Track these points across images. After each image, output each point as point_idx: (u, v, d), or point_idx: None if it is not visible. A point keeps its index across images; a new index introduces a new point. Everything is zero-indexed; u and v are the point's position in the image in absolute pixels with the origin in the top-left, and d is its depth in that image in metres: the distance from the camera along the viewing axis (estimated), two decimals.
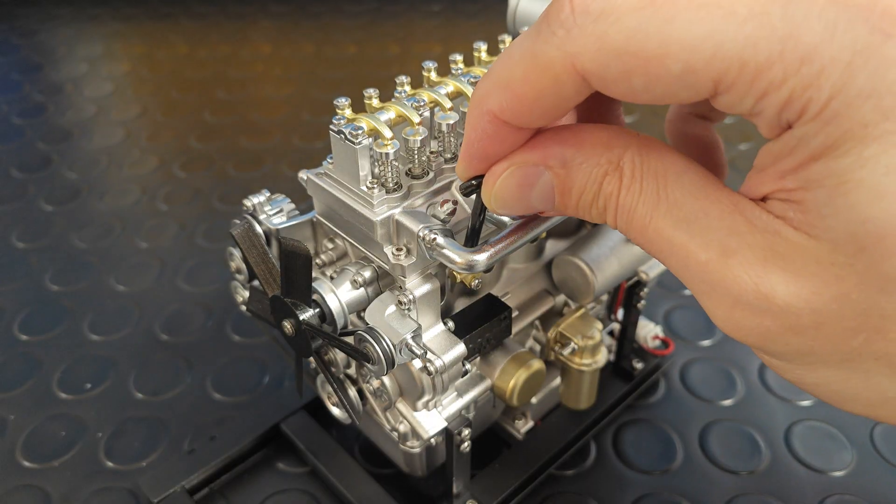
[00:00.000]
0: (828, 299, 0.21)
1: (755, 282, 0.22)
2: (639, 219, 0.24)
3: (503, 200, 0.27)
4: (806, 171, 0.20)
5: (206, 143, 0.92)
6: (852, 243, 0.20)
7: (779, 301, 0.21)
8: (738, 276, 0.22)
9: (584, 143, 0.25)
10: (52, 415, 0.57)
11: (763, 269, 0.21)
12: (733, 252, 0.22)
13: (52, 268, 0.72)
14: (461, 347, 0.38)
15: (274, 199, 0.43)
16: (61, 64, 1.12)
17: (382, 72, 1.07)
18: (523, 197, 0.27)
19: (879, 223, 0.19)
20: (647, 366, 0.56)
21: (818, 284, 0.21)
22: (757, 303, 0.22)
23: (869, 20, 0.18)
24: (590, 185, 0.25)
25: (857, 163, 0.19)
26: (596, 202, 0.25)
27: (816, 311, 0.21)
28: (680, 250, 0.23)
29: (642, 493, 0.50)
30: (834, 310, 0.21)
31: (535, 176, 0.26)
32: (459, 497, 0.46)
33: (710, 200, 0.22)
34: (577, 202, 0.25)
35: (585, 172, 0.25)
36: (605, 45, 0.21)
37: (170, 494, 0.48)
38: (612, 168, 0.24)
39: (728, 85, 0.20)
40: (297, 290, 0.37)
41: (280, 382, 0.59)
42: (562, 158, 0.25)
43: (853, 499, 0.49)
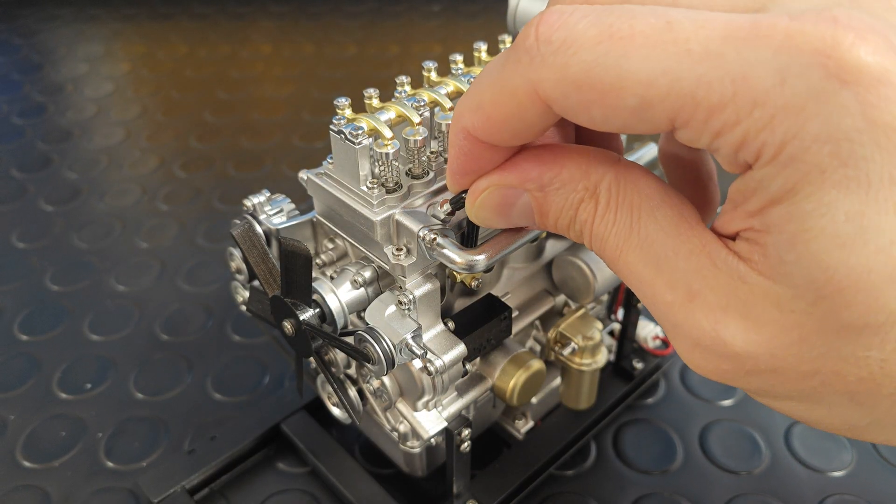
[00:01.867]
0: (786, 344, 0.21)
1: (714, 328, 0.22)
2: (610, 249, 0.24)
3: (485, 218, 0.28)
4: (768, 215, 0.20)
5: (207, 143, 0.92)
6: (812, 291, 0.20)
7: (736, 348, 0.22)
8: (699, 321, 0.22)
9: (562, 167, 0.25)
10: (52, 415, 0.57)
11: (723, 315, 0.22)
12: (696, 295, 0.22)
13: (53, 268, 0.72)
14: (461, 347, 0.38)
15: (274, 199, 0.43)
16: (61, 64, 1.12)
17: (382, 72, 1.07)
18: (504, 215, 0.27)
19: (840, 273, 0.19)
20: (647, 366, 0.56)
21: (776, 330, 0.21)
22: (715, 348, 0.22)
23: (824, 66, 0.18)
24: (566, 210, 0.25)
25: (817, 210, 0.19)
26: (572, 226, 0.25)
27: (774, 356, 0.21)
28: (648, 288, 0.23)
29: (642, 493, 0.50)
30: (792, 354, 0.21)
31: (514, 197, 0.26)
32: (460, 497, 0.46)
33: (680, 239, 0.23)
34: (554, 223, 0.26)
35: (562, 197, 0.25)
36: (565, 75, 0.21)
37: (170, 494, 0.48)
38: (588, 195, 0.24)
39: (684, 121, 0.20)
40: (298, 290, 0.37)
41: (280, 382, 0.59)
42: (539, 182, 0.25)
43: (853, 499, 0.49)
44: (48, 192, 0.83)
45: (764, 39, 0.19)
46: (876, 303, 0.19)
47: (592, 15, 0.21)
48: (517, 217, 0.27)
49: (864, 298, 0.19)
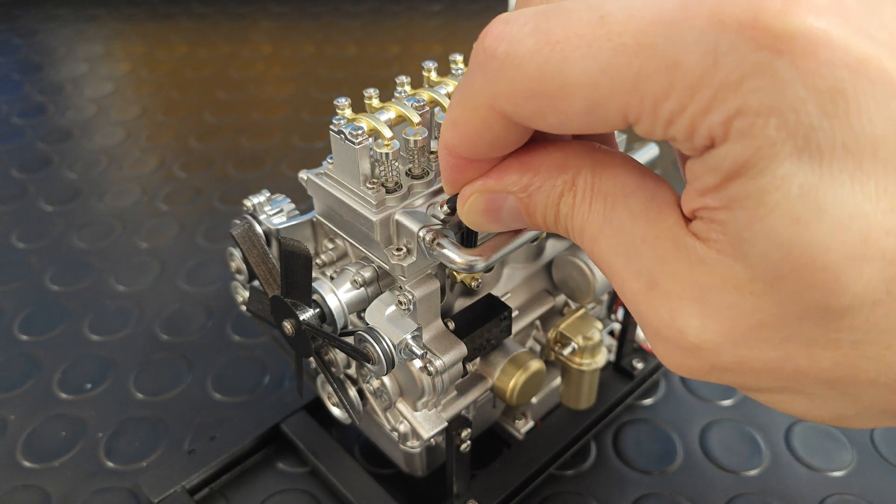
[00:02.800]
0: (746, 330, 0.20)
1: (671, 317, 0.21)
2: (588, 240, 0.24)
3: (477, 223, 0.28)
4: (726, 190, 0.19)
5: (207, 143, 0.92)
6: (770, 271, 0.19)
7: (692, 338, 0.21)
8: (658, 310, 0.22)
9: (540, 166, 0.25)
10: (52, 415, 0.57)
11: (679, 303, 0.21)
12: (656, 283, 0.22)
13: (53, 268, 0.72)
14: (461, 348, 0.38)
15: (274, 199, 0.43)
16: (61, 64, 1.12)
17: (382, 72, 1.07)
18: (494, 219, 0.27)
19: (796, 251, 0.18)
20: (647, 366, 0.56)
21: (735, 315, 0.20)
22: (675, 339, 0.22)
23: (753, 39, 0.17)
24: (549, 207, 0.25)
25: (772, 183, 0.18)
26: (558, 223, 0.25)
27: (736, 344, 0.21)
28: (618, 277, 0.23)
29: (642, 493, 0.50)
30: (754, 340, 0.20)
31: (500, 201, 0.27)
32: (459, 497, 0.46)
33: (648, 224, 0.22)
34: (542, 222, 0.26)
35: (544, 195, 0.25)
36: (514, 88, 0.21)
37: (170, 494, 0.48)
38: (566, 188, 0.24)
39: (635, 116, 0.20)
40: (298, 291, 0.37)
41: (280, 382, 0.59)
42: (520, 184, 0.26)
43: (853, 499, 0.49)
44: (48, 193, 0.83)
45: (690, 20, 0.18)
46: (837, 284, 0.18)
47: (531, 22, 0.21)
48: (508, 219, 0.27)
49: (824, 279, 0.18)
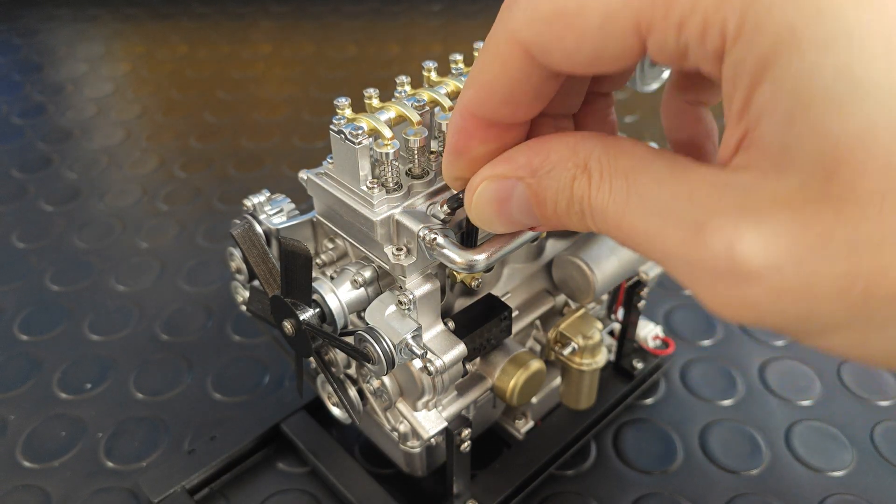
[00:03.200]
0: (809, 245, 0.19)
1: (728, 248, 0.20)
2: (612, 217, 0.23)
3: (484, 216, 0.28)
4: (755, 102, 0.19)
5: (207, 143, 0.92)
6: (820, 169, 0.18)
7: (757, 261, 0.20)
8: (712, 247, 0.20)
9: (550, 150, 0.25)
10: (52, 415, 0.57)
11: (734, 232, 0.20)
12: (704, 224, 0.21)
13: (53, 268, 0.72)
14: (461, 347, 0.38)
15: (274, 199, 0.43)
16: (61, 64, 1.12)
17: (382, 72, 1.07)
18: (503, 212, 0.27)
19: (844, 138, 0.17)
20: (647, 366, 0.56)
21: (795, 231, 0.19)
22: (735, 271, 0.20)
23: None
24: (561, 191, 0.25)
25: (801, 72, 0.17)
26: (571, 207, 0.25)
27: (800, 263, 0.19)
28: (656, 239, 0.22)
29: (642, 493, 0.50)
30: (819, 257, 0.19)
31: (509, 189, 0.26)
32: (460, 497, 0.46)
33: (678, 182, 0.22)
34: (553, 210, 0.25)
35: (555, 179, 0.25)
36: (535, 14, 0.22)
37: (170, 494, 0.48)
38: (580, 171, 0.24)
39: (648, 26, 0.20)
40: (298, 290, 0.37)
41: (280, 382, 0.59)
42: (530, 168, 0.25)
43: (853, 499, 0.49)
44: (48, 193, 0.83)
45: None
46: (891, 162, 0.17)
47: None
48: (517, 212, 0.27)
49: (876, 162, 0.17)
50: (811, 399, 0.56)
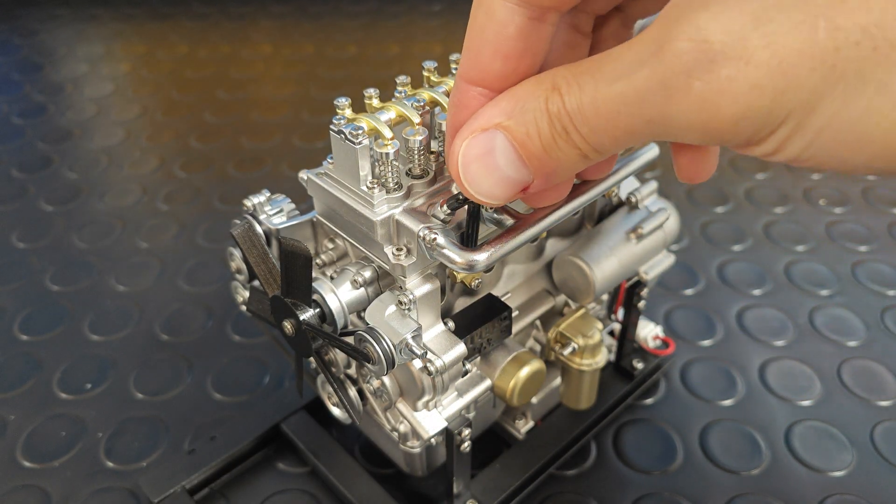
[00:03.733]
0: (759, 2, 0.19)
1: (690, 39, 0.20)
2: (589, 108, 0.23)
3: (475, 180, 0.27)
4: None
5: (207, 143, 0.92)
6: None
7: (719, 36, 0.20)
8: (678, 51, 0.21)
9: (517, 90, 0.26)
10: (52, 415, 0.57)
11: (690, 24, 0.20)
12: (665, 41, 0.21)
13: (53, 268, 0.72)
14: (461, 347, 0.38)
15: (274, 199, 0.43)
16: (62, 64, 1.12)
17: (383, 72, 1.07)
18: (490, 168, 0.26)
19: None
20: (647, 366, 0.56)
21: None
22: (704, 56, 0.20)
23: None
24: (540, 117, 0.25)
25: None
26: (554, 129, 0.24)
27: (758, 23, 0.19)
28: (630, 90, 0.22)
29: (642, 493, 0.50)
30: (771, 5, 0.19)
31: (490, 141, 0.26)
32: (460, 497, 0.46)
33: (634, 44, 0.22)
34: (539, 144, 0.25)
35: (530, 111, 0.25)
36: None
37: (170, 494, 0.48)
38: (550, 92, 0.24)
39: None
40: (298, 290, 0.37)
41: (280, 382, 0.59)
42: (504, 112, 0.26)
43: (853, 499, 0.49)
44: (48, 193, 0.83)
45: None
46: None
47: None
48: (504, 165, 0.26)
49: None
50: (811, 399, 0.56)
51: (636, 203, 0.47)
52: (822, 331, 0.62)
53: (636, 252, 0.46)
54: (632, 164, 0.39)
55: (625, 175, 0.39)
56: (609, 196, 0.47)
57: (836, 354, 0.60)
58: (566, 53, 0.29)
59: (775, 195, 0.80)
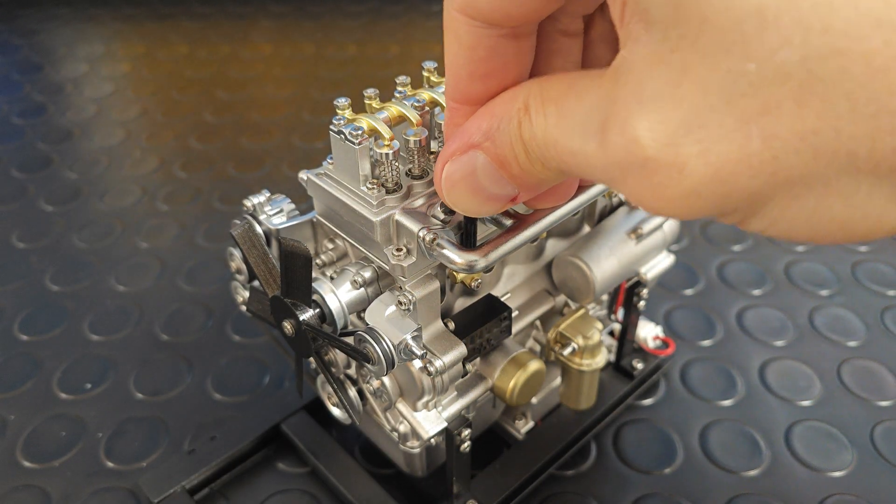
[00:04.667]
0: (690, 104, 0.18)
1: (621, 135, 0.19)
2: (552, 147, 0.23)
3: (461, 200, 0.27)
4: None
5: (207, 143, 0.92)
6: (674, 12, 0.17)
7: (651, 144, 0.19)
8: (614, 142, 0.20)
9: (494, 108, 0.25)
10: (52, 415, 0.57)
11: (627, 117, 0.19)
12: (605, 121, 0.20)
13: (53, 268, 0.72)
14: (461, 348, 0.38)
15: (274, 200, 0.43)
16: (61, 64, 1.12)
17: (382, 72, 1.07)
18: (475, 188, 0.26)
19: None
20: (647, 366, 0.56)
21: (672, 92, 0.18)
22: (637, 162, 0.19)
23: None
24: (515, 142, 0.24)
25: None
26: (530, 156, 0.24)
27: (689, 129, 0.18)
28: (581, 156, 0.21)
29: (642, 494, 0.50)
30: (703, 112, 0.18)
31: (471, 161, 0.26)
32: (459, 497, 0.46)
33: (592, 91, 0.21)
34: (518, 166, 0.24)
35: (505, 132, 0.24)
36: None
37: (170, 494, 0.48)
38: (522, 114, 0.23)
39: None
40: (298, 291, 0.37)
41: (280, 383, 0.59)
42: (482, 132, 0.25)
43: (853, 499, 0.49)
44: (48, 193, 0.83)
45: None
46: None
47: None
48: (487, 183, 0.26)
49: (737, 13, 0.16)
50: (811, 399, 0.56)
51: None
52: (822, 331, 0.63)
53: (636, 252, 0.46)
54: None
55: None
56: (609, 196, 0.47)
57: (836, 354, 0.60)
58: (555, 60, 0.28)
59: None
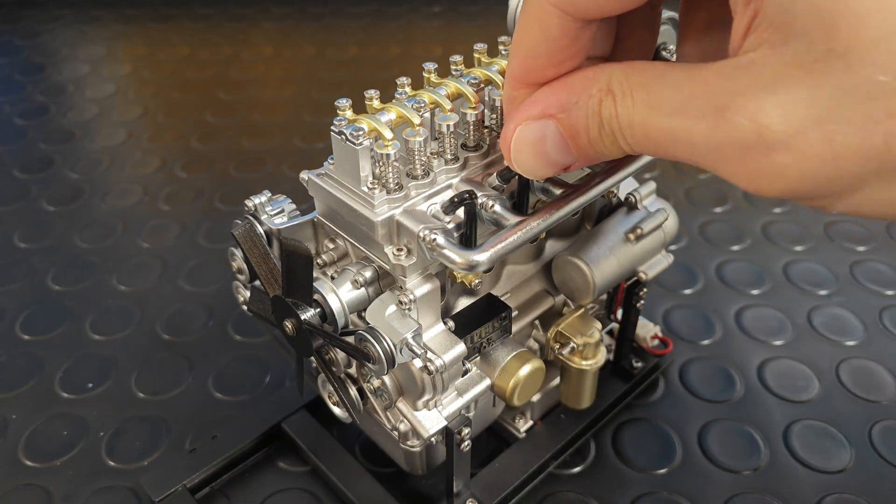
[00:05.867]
0: (825, 102, 0.20)
1: (752, 120, 0.21)
2: (639, 127, 0.25)
3: (526, 162, 0.29)
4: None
5: (208, 143, 0.92)
6: (822, 27, 0.19)
7: (780, 128, 0.21)
8: (737, 124, 0.22)
9: (574, 84, 0.27)
10: (54, 414, 0.57)
11: (756, 105, 0.21)
12: (726, 106, 0.22)
13: (54, 268, 0.72)
14: (461, 347, 0.38)
15: (275, 200, 0.43)
16: (63, 65, 1.12)
17: (383, 73, 1.07)
18: (540, 153, 0.29)
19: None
20: (646, 365, 0.56)
21: (810, 91, 0.20)
22: (762, 141, 0.21)
23: None
24: (591, 117, 0.26)
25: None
26: (603, 131, 0.26)
27: (820, 121, 0.20)
28: (682, 134, 0.23)
29: (641, 492, 0.50)
30: (837, 111, 0.20)
31: (542, 129, 0.28)
32: (459, 496, 0.46)
33: (694, 81, 0.23)
34: (587, 140, 0.27)
35: (583, 108, 0.26)
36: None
37: (171, 493, 0.48)
38: (604, 94, 0.26)
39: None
40: (299, 290, 0.37)
41: (281, 382, 0.59)
42: (559, 104, 0.27)
43: (852, 497, 0.49)
44: (50, 193, 0.83)
45: None
46: (887, 7, 0.19)
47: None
48: (553, 150, 0.28)
49: (872, 9, 0.19)
50: (809, 398, 0.56)
51: (635, 203, 0.47)
52: (820, 330, 0.63)
53: (635, 252, 0.46)
54: (631, 165, 0.40)
55: (624, 176, 0.39)
56: (608, 196, 0.47)
57: (835, 354, 0.60)
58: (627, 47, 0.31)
59: None
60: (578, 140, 0.27)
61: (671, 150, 0.25)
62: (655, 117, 0.24)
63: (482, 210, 0.36)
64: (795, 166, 0.21)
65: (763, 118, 0.21)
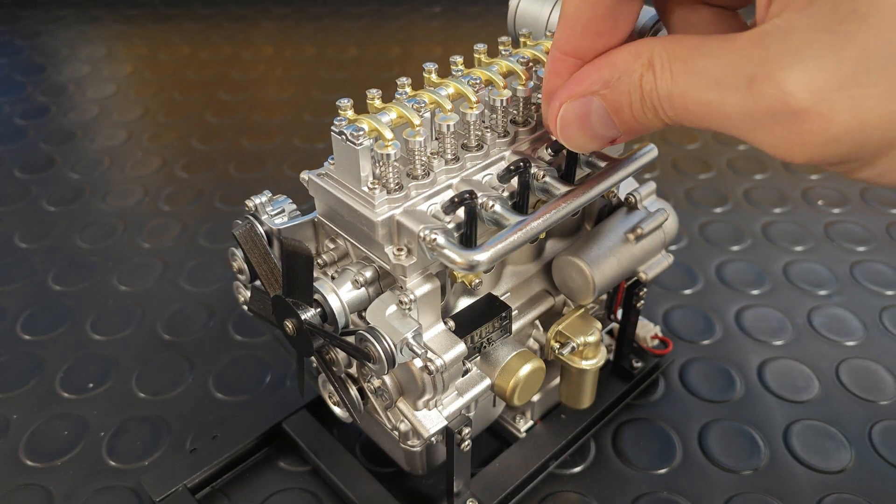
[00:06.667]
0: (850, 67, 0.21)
1: (778, 89, 0.22)
2: (678, 99, 0.26)
3: (571, 136, 0.31)
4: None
5: (208, 143, 0.92)
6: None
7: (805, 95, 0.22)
8: (764, 94, 0.22)
9: (615, 61, 0.28)
10: (54, 414, 0.57)
11: (782, 72, 0.22)
12: (754, 76, 0.23)
13: (55, 268, 0.72)
14: (461, 347, 0.38)
15: (276, 200, 0.43)
16: (64, 65, 1.13)
17: (383, 73, 1.07)
18: (586, 127, 0.30)
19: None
20: (646, 365, 0.56)
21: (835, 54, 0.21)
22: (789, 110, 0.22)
23: None
24: (633, 92, 0.27)
25: None
26: (644, 105, 0.27)
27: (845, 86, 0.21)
28: (717, 105, 0.24)
29: (641, 492, 0.50)
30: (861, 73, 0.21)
31: (587, 105, 0.29)
32: (460, 496, 0.46)
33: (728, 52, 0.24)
34: (630, 114, 0.28)
35: (626, 83, 0.27)
36: None
37: (172, 493, 0.48)
38: (645, 69, 0.27)
39: None
40: (299, 290, 0.37)
41: (282, 382, 0.59)
42: (602, 81, 0.28)
43: (851, 497, 0.49)
44: (51, 193, 0.84)
45: None
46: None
47: None
48: (598, 125, 0.29)
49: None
50: (809, 398, 0.56)
51: (635, 203, 0.47)
52: (820, 330, 0.63)
53: (635, 252, 0.46)
54: (631, 165, 0.40)
55: (624, 175, 0.39)
56: (608, 196, 0.48)
57: (835, 354, 0.60)
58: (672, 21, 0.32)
59: (774, 196, 0.80)
60: (622, 114, 0.28)
61: (708, 121, 0.25)
62: (692, 90, 0.25)
63: (482, 210, 0.36)
64: (822, 133, 0.22)
65: (788, 86, 0.22)
